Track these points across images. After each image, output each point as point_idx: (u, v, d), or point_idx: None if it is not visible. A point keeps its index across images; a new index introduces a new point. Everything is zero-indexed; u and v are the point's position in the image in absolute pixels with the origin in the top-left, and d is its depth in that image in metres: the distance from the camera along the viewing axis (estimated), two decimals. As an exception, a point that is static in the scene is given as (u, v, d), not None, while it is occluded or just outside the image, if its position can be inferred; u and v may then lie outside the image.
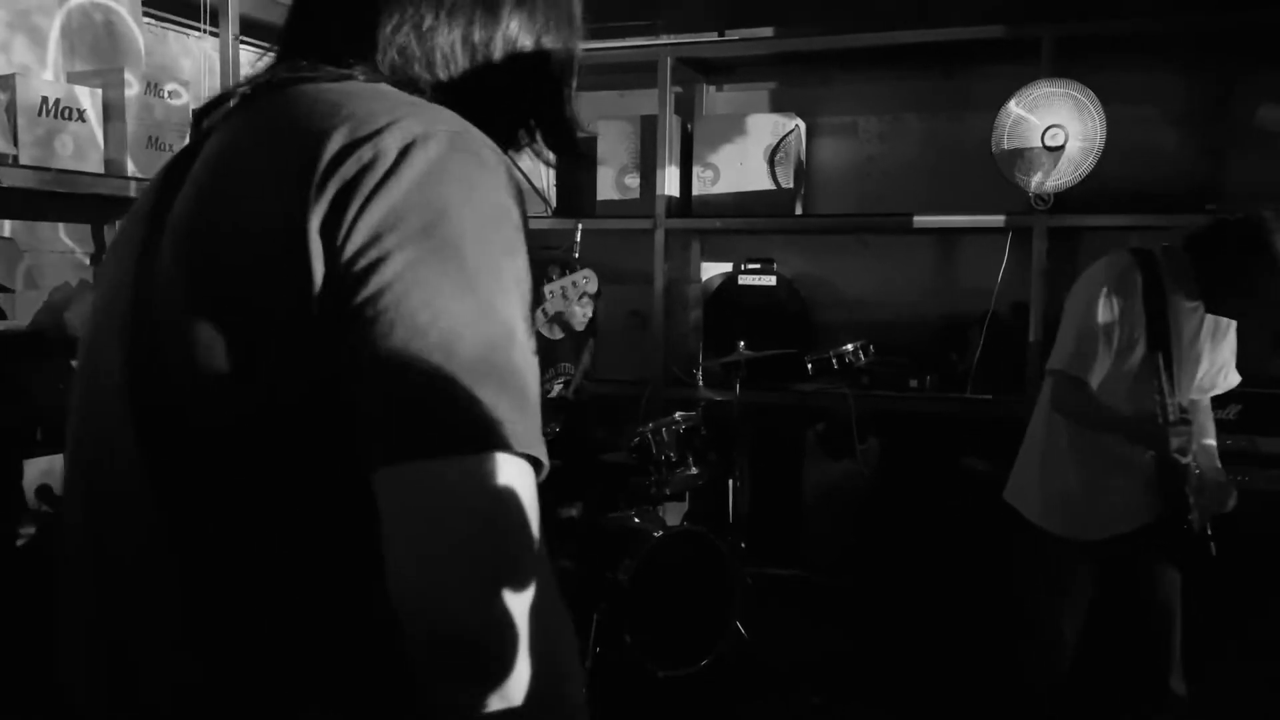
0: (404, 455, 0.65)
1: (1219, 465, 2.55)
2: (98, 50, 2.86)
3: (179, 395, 0.73)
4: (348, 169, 0.69)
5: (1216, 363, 2.54)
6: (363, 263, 0.67)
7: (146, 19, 3.11)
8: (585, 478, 3.64)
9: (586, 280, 2.65)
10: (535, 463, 0.70)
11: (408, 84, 0.81)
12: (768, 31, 4.13)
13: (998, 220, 3.76)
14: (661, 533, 3.22)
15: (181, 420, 0.74)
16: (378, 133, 0.71)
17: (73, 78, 2.68)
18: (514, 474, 0.67)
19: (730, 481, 3.83)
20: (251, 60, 3.89)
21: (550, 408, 3.73)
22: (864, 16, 3.88)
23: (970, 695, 3.04)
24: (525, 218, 0.75)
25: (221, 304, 0.72)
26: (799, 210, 4.24)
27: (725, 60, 4.39)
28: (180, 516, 0.75)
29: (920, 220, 3.88)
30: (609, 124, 4.34)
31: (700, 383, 4.01)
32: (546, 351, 3.89)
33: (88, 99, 2.53)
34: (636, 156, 4.29)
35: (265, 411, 0.71)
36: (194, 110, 0.87)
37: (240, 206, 0.74)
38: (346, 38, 0.82)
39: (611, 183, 4.33)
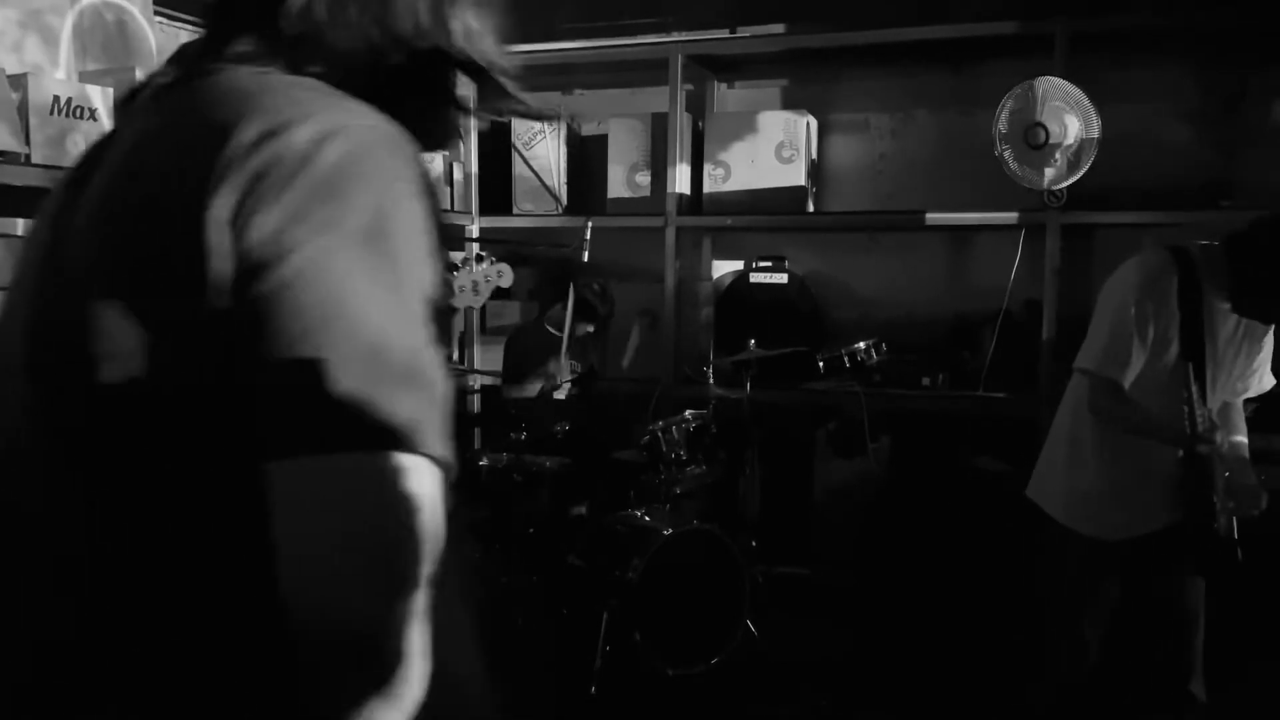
0: (299, 448, 0.66)
1: (1250, 467, 2.47)
2: (109, 49, 2.87)
3: (76, 358, 0.73)
4: (258, 160, 0.69)
5: (1252, 365, 2.46)
6: (270, 253, 0.67)
7: (158, 18, 3.11)
8: (595, 475, 3.64)
9: (500, 274, 2.57)
10: (443, 465, 0.69)
11: (320, 72, 0.80)
12: (779, 28, 4.12)
13: (1011, 217, 3.74)
14: (671, 531, 3.21)
15: (76, 381, 0.73)
16: (290, 124, 0.70)
17: (85, 77, 2.68)
18: (414, 474, 0.67)
19: (740, 480, 3.82)
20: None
21: (559, 406, 3.73)
22: (875, 12, 3.85)
23: (981, 698, 3.02)
24: (437, 213, 0.74)
25: (124, 282, 0.72)
26: (810, 208, 4.23)
27: (736, 57, 4.37)
28: (65, 477, 0.74)
29: (933, 217, 3.86)
30: (620, 121, 4.34)
31: (711, 381, 3.99)
32: (550, 350, 3.88)
33: (99, 98, 2.54)
34: (647, 154, 4.28)
35: (159, 388, 0.70)
36: (116, 98, 0.86)
37: (148, 194, 0.74)
38: (259, 16, 0.81)
39: (622, 180, 4.32)
